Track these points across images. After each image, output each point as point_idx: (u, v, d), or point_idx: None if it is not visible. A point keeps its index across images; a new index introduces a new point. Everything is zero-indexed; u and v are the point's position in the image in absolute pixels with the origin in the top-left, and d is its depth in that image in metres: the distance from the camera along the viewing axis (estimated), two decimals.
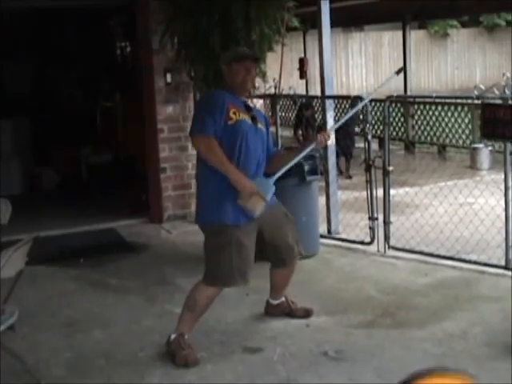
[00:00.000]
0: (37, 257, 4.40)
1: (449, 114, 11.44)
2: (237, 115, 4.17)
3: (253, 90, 5.96)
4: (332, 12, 6.74)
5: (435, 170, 9.05)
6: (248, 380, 3.93)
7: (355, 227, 6.75)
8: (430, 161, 10.97)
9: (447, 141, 11.67)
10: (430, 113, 11.87)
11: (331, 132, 4.71)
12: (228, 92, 4.28)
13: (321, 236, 6.45)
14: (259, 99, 7.61)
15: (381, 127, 10.67)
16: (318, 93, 7.45)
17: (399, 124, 12.56)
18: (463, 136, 11.37)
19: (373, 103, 10.53)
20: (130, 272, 6.01)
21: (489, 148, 10.12)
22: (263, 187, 4.16)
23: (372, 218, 6.33)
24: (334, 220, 6.84)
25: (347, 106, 12.08)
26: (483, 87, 11.64)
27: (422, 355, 4.11)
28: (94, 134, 10.75)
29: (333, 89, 6.90)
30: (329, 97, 6.85)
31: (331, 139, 4.67)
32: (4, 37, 10.19)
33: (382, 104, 7.21)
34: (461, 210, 6.77)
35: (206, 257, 4.27)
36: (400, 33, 14.23)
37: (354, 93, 16.97)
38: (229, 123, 4.13)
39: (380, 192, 6.28)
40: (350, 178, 9.72)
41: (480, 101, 5.78)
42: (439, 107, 11.63)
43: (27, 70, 11.18)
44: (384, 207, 6.28)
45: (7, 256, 3.72)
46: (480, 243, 6.00)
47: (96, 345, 4.48)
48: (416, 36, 22.04)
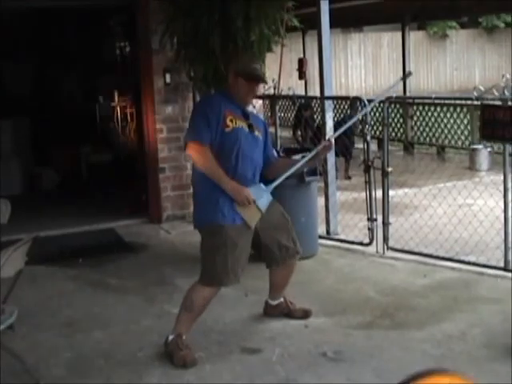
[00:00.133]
0: (36, 257, 4.40)
1: (448, 115, 11.42)
2: (233, 123, 4.17)
3: None
4: (331, 12, 6.75)
5: (434, 171, 9.05)
6: (246, 380, 3.93)
7: (354, 228, 6.75)
8: (429, 162, 10.96)
9: (446, 142, 11.65)
10: (429, 114, 11.85)
11: (332, 139, 4.70)
12: (227, 97, 4.28)
13: (320, 237, 6.45)
14: (258, 100, 7.61)
15: (380, 128, 10.70)
16: (317, 93, 7.46)
17: (398, 125, 12.54)
18: (462, 137, 11.34)
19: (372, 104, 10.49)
20: (130, 272, 6.01)
21: (488, 149, 10.12)
22: (259, 195, 4.17)
23: (371, 219, 6.33)
24: (333, 221, 6.84)
25: (346, 107, 12.08)
26: (482, 88, 11.59)
27: (421, 356, 4.11)
28: (94, 134, 10.76)
29: (332, 89, 6.90)
30: (328, 97, 6.86)
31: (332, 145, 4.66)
32: (4, 37, 10.20)
33: (381, 105, 7.19)
34: (460, 211, 6.76)
35: (202, 257, 4.28)
36: (399, 34, 14.22)
37: (353, 93, 16.97)
38: (225, 130, 4.13)
39: (379, 193, 6.28)
40: (349, 179, 9.72)
41: (479, 102, 5.76)
42: (438, 108, 11.61)
43: (27, 70, 11.18)
44: (383, 208, 6.28)
45: (7, 256, 3.72)
46: (479, 244, 6.00)
47: (95, 345, 4.49)
48: (415, 37, 22.06)
